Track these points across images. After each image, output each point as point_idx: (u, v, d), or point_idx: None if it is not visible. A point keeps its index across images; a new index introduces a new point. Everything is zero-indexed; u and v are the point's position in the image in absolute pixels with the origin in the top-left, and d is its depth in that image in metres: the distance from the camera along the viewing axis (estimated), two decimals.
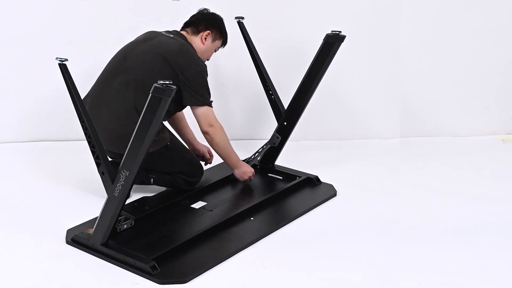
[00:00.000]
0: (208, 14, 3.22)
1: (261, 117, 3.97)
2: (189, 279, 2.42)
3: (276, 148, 3.43)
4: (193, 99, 3.00)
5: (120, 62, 3.04)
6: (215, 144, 3.09)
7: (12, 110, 3.89)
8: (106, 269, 2.49)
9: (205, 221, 2.87)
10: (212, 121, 3.05)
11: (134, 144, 2.37)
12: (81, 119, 2.52)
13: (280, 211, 3.06)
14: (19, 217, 2.90)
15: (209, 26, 3.16)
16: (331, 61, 3.19)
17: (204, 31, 3.15)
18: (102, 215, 2.53)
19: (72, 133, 3.79)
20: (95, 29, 3.82)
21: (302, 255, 2.60)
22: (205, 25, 3.16)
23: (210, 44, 3.17)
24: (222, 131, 3.09)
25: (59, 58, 2.45)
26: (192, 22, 3.19)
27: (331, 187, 3.23)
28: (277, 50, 3.88)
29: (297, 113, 3.35)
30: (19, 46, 3.79)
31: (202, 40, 3.15)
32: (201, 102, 3.01)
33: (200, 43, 3.15)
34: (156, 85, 2.25)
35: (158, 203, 3.01)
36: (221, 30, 3.20)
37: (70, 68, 2.48)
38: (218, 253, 2.61)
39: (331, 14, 3.87)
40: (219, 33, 3.19)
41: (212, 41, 3.17)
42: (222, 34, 3.21)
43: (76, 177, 3.32)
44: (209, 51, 3.19)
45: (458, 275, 2.44)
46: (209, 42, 3.16)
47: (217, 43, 3.20)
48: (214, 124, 3.05)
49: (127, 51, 3.07)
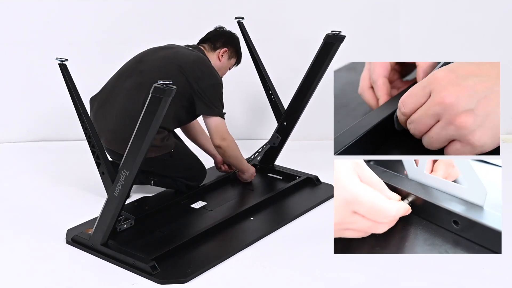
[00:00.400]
0: (225, 32, 3.23)
1: (261, 117, 3.97)
2: (189, 279, 2.42)
3: (276, 148, 3.43)
4: (206, 108, 2.99)
5: (135, 65, 3.04)
6: (227, 157, 3.10)
7: (12, 110, 3.89)
8: (106, 269, 2.50)
9: (205, 221, 2.87)
10: (225, 135, 3.04)
11: (134, 144, 2.37)
12: (81, 119, 2.52)
13: (280, 211, 3.06)
14: (19, 217, 2.90)
15: (226, 44, 3.18)
16: (331, 61, 3.19)
17: (222, 48, 3.17)
18: (102, 215, 2.53)
19: (72, 133, 3.79)
20: (95, 30, 3.82)
21: (302, 255, 2.61)
22: (222, 43, 3.17)
23: (226, 62, 3.19)
24: (234, 144, 3.09)
25: (59, 58, 2.45)
26: (209, 39, 3.20)
27: (331, 187, 3.23)
28: (277, 50, 3.88)
29: (297, 113, 3.35)
30: (19, 46, 3.79)
31: (219, 57, 3.16)
32: (214, 112, 3.00)
33: (217, 59, 3.16)
34: (156, 85, 2.25)
35: (158, 203, 3.01)
36: (237, 48, 3.23)
37: (70, 68, 2.48)
38: (218, 253, 2.61)
39: (331, 14, 3.88)
40: (235, 52, 3.22)
41: (228, 58, 3.19)
42: (237, 52, 3.24)
43: (76, 177, 3.33)
44: (224, 68, 3.21)
45: (458, 275, 2.44)
46: (225, 59, 3.18)
47: (232, 61, 3.23)
48: (226, 137, 3.04)
49: (144, 55, 3.08)
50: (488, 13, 3.95)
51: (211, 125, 3.02)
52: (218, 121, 3.01)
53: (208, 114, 3.00)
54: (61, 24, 3.79)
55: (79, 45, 3.78)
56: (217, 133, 3.02)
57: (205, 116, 3.01)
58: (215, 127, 3.01)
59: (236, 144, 3.11)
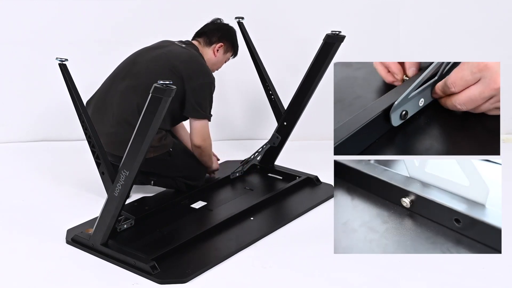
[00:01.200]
0: (221, 25, 3.21)
1: (261, 117, 3.97)
2: (189, 279, 2.42)
3: (276, 148, 3.43)
4: (194, 111, 2.99)
5: (128, 66, 3.04)
6: (203, 156, 3.12)
7: (12, 110, 3.89)
8: (106, 269, 2.50)
9: (205, 221, 2.87)
10: (206, 136, 3.06)
11: (134, 144, 2.37)
12: (81, 119, 2.52)
13: (280, 211, 3.06)
14: (19, 217, 2.90)
15: (222, 38, 3.16)
16: (331, 61, 3.19)
17: (217, 43, 3.15)
18: (102, 215, 2.53)
19: (72, 133, 3.79)
20: (95, 29, 3.82)
21: (302, 255, 2.61)
22: (218, 37, 3.16)
23: (222, 56, 3.19)
24: (211, 146, 3.13)
25: (59, 58, 2.45)
26: (205, 33, 3.18)
27: (331, 187, 3.23)
28: (277, 50, 3.88)
29: (297, 113, 3.35)
30: (19, 46, 3.79)
31: (214, 51, 3.15)
32: (202, 115, 3.00)
33: (212, 54, 3.15)
34: (156, 85, 2.25)
35: (158, 203, 3.01)
36: (233, 42, 3.21)
37: (70, 68, 2.48)
38: (218, 253, 2.61)
39: (331, 14, 3.88)
40: (231, 45, 3.20)
41: (224, 53, 3.19)
42: (234, 46, 3.22)
43: (76, 177, 3.33)
44: (220, 62, 3.21)
45: (458, 275, 2.43)
46: (220, 53, 3.17)
47: (228, 54, 3.22)
48: (206, 138, 3.06)
49: (137, 56, 3.07)
50: (488, 13, 3.95)
51: (196, 127, 3.02)
52: (203, 124, 3.02)
53: (195, 117, 3.00)
54: (61, 24, 3.79)
55: (79, 45, 3.78)
56: (199, 135, 3.04)
57: (192, 119, 3.02)
58: (198, 128, 3.03)
59: (211, 146, 3.15)
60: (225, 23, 3.25)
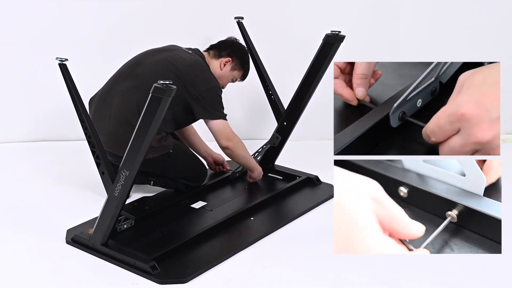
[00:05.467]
0: (235, 43, 3.19)
1: (261, 117, 3.97)
2: (189, 279, 2.42)
3: (276, 148, 3.43)
4: (207, 113, 2.97)
5: (132, 67, 3.03)
6: (235, 156, 3.07)
7: (12, 110, 3.89)
8: (106, 269, 2.50)
9: (205, 221, 2.87)
10: (230, 135, 3.02)
11: (134, 144, 2.37)
12: (81, 119, 2.51)
13: (280, 211, 3.06)
14: (19, 217, 2.90)
15: (232, 54, 3.13)
16: (331, 61, 3.19)
17: (225, 57, 3.12)
18: (102, 215, 2.53)
19: (72, 133, 3.79)
20: (96, 29, 3.82)
21: (302, 255, 2.60)
22: (228, 52, 3.13)
23: (228, 72, 3.14)
24: (241, 143, 3.07)
25: (59, 58, 2.45)
26: (216, 47, 3.16)
27: (331, 187, 3.23)
28: (277, 50, 3.88)
29: (297, 113, 3.34)
30: (19, 46, 3.79)
31: (221, 65, 3.11)
32: (215, 116, 2.98)
33: (218, 67, 3.11)
34: (156, 85, 2.25)
35: (158, 203, 3.01)
36: (243, 62, 3.17)
37: (70, 68, 2.48)
38: (218, 253, 2.61)
39: (331, 14, 3.88)
40: (239, 64, 3.16)
41: (231, 69, 3.14)
42: (243, 66, 3.18)
43: (76, 177, 3.33)
44: (225, 78, 3.15)
45: (458, 275, 2.43)
46: (227, 69, 3.13)
47: (236, 73, 3.17)
48: (232, 137, 3.02)
49: (142, 58, 3.05)
50: (488, 13, 3.95)
51: (215, 128, 3.00)
52: (221, 124, 2.99)
53: (209, 118, 2.98)
54: (61, 24, 3.79)
55: (79, 45, 3.78)
56: (222, 135, 3.00)
57: (207, 121, 3.00)
58: (219, 129, 3.00)
59: (243, 143, 3.09)
60: (240, 42, 3.23)
